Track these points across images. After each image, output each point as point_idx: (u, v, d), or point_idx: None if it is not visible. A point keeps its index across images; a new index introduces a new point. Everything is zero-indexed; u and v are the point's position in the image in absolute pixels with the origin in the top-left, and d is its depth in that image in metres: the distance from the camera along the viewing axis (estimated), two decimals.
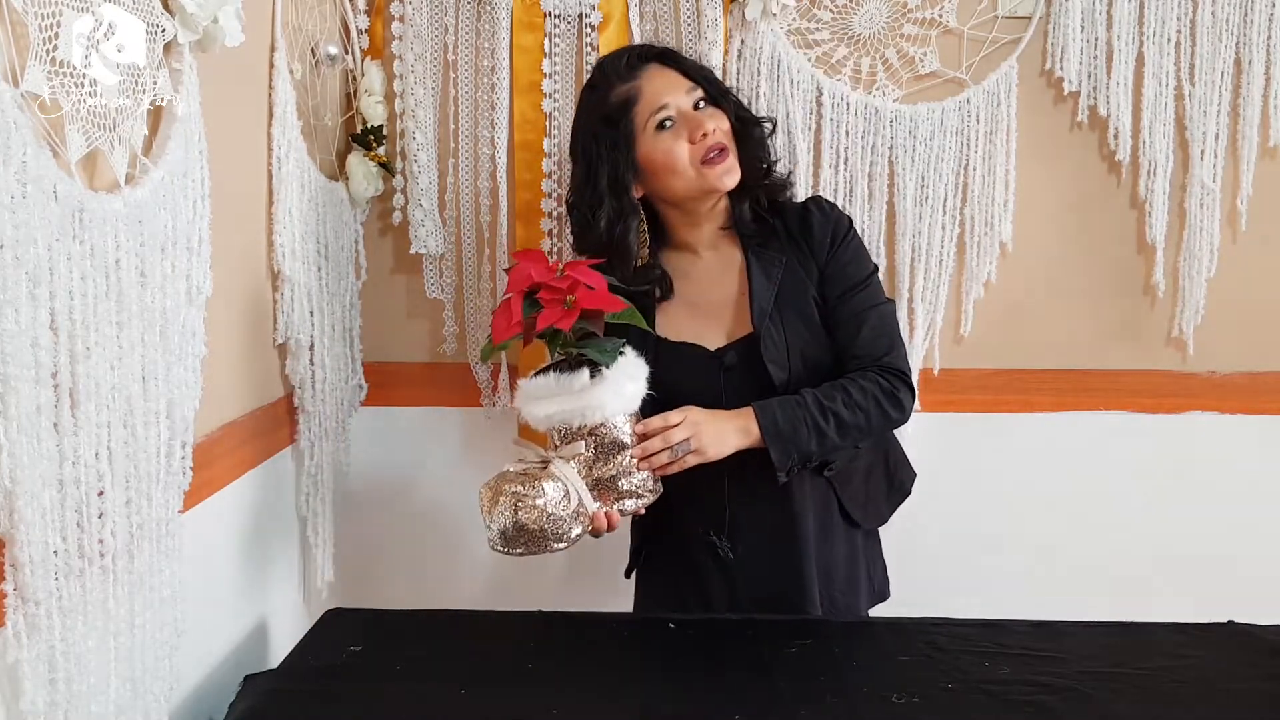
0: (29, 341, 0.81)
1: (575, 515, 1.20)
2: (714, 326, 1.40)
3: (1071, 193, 1.77)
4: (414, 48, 1.71)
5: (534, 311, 1.18)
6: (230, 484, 1.29)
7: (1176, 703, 1.10)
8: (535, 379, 1.23)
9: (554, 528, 1.18)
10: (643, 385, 1.25)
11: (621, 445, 1.23)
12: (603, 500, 1.23)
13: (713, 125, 1.35)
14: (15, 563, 0.82)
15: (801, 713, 1.06)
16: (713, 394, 1.35)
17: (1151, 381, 1.81)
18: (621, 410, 1.23)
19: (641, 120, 1.35)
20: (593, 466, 1.22)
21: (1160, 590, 1.71)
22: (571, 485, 1.20)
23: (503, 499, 1.17)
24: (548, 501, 1.17)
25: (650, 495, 1.27)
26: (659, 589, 1.51)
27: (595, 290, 1.19)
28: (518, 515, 1.16)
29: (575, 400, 1.20)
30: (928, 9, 1.71)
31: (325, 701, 1.11)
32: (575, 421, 1.21)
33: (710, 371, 1.37)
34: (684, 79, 1.37)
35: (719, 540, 1.40)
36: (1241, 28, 1.70)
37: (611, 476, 1.23)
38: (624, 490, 1.24)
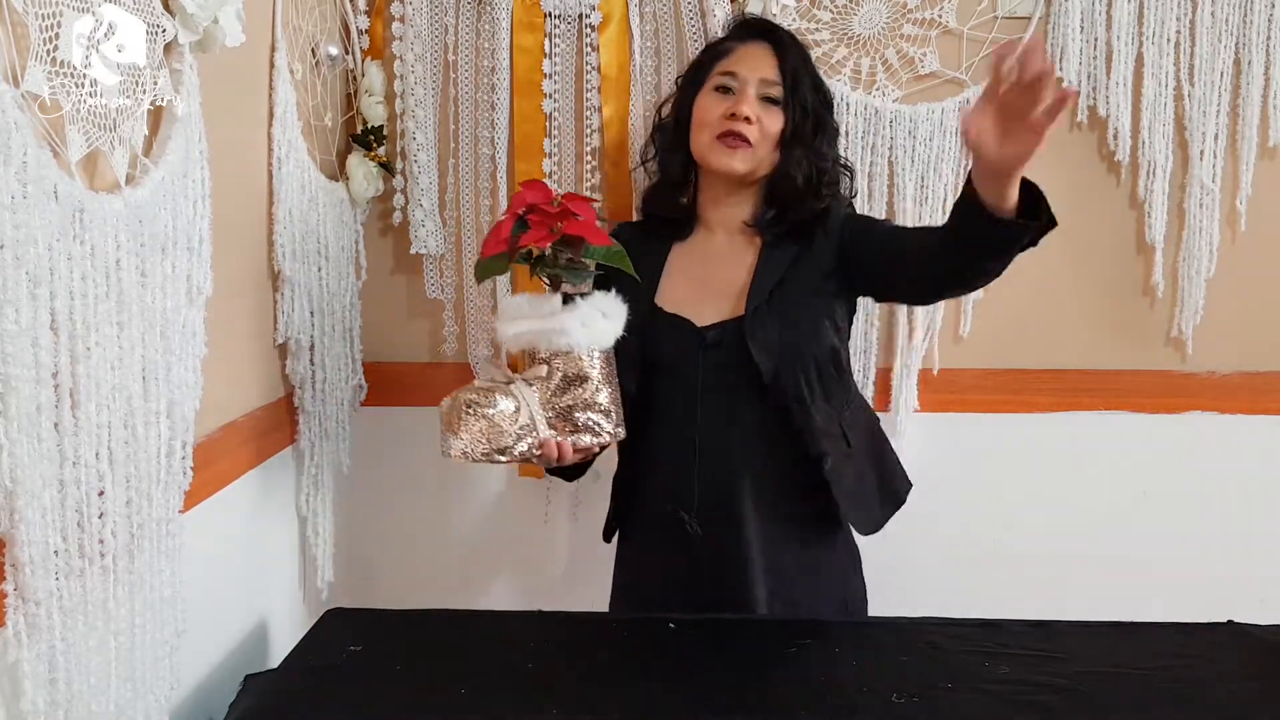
0: (29, 341, 0.81)
1: (522, 432, 1.22)
2: (709, 305, 1.40)
3: (1071, 193, 1.77)
4: (414, 48, 1.71)
5: (521, 231, 1.21)
6: (230, 484, 1.29)
7: (1176, 703, 1.10)
8: (513, 298, 1.27)
9: (498, 439, 1.21)
10: (618, 325, 1.26)
11: (584, 378, 1.24)
12: (558, 430, 1.25)
13: (752, 113, 1.37)
14: (16, 563, 0.82)
15: (801, 713, 1.06)
16: (691, 369, 1.37)
17: (1151, 381, 1.81)
18: (589, 343, 1.24)
19: (714, 74, 1.41)
20: (553, 394, 1.24)
21: (1160, 590, 1.71)
22: (525, 403, 1.22)
23: (456, 405, 1.21)
24: (498, 413, 1.20)
25: (609, 436, 1.28)
26: (630, 562, 1.52)
27: (584, 220, 1.21)
28: (465, 420, 1.20)
29: (543, 323, 1.23)
30: (927, 9, 1.71)
31: (325, 701, 1.11)
32: (541, 345, 1.24)
33: (691, 347, 1.38)
34: (776, 68, 1.39)
35: (687, 516, 1.38)
36: (1241, 28, 1.71)
37: (569, 407, 1.24)
38: (580, 424, 1.25)
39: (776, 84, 1.39)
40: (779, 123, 1.39)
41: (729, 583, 1.37)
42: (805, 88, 1.40)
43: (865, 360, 1.79)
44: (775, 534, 1.39)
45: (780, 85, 1.39)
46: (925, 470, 1.83)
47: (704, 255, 1.45)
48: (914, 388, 1.80)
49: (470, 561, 1.84)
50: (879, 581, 1.83)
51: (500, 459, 1.22)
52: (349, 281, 1.67)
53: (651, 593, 1.45)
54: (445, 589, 1.83)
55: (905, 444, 1.81)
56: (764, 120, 1.38)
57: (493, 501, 1.84)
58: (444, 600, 1.46)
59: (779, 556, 1.39)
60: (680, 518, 1.38)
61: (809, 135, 1.40)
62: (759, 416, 1.37)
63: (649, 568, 1.47)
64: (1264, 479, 1.82)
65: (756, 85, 1.38)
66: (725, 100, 1.39)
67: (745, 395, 1.37)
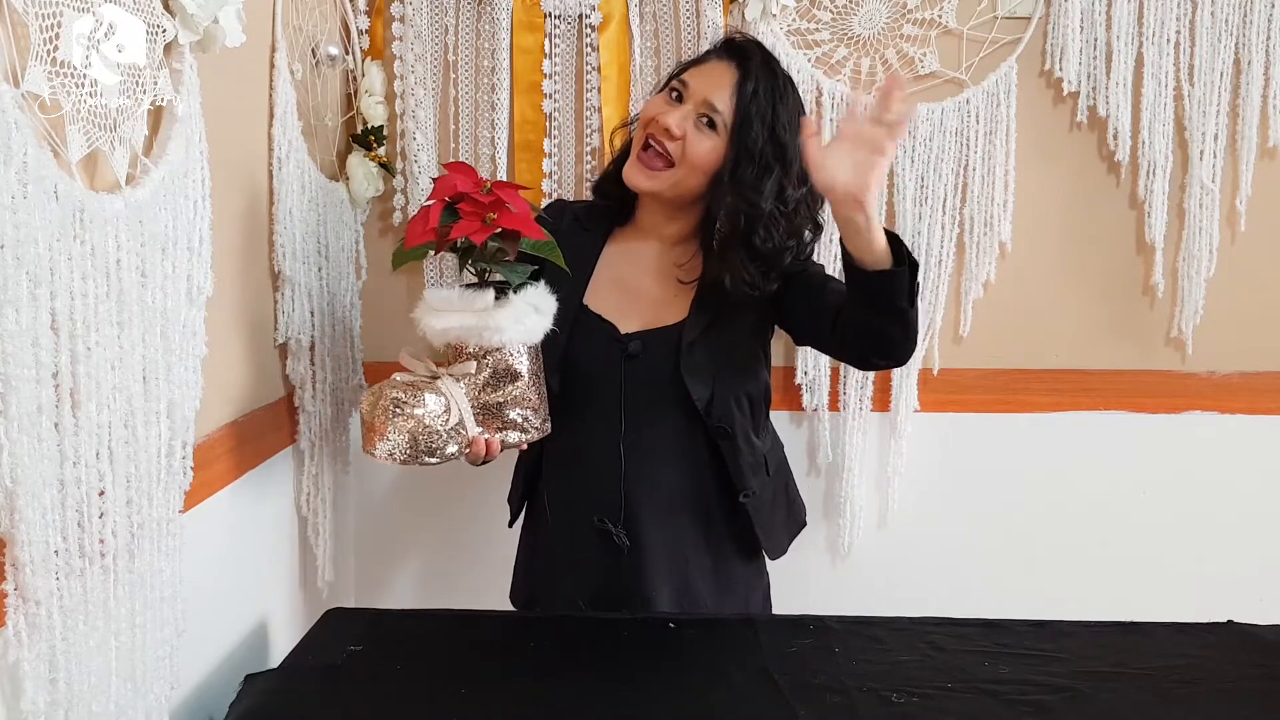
0: (30, 341, 0.81)
1: (452, 433, 1.17)
2: (632, 313, 1.37)
3: (1071, 193, 1.77)
4: (414, 48, 1.71)
5: (451, 221, 1.14)
6: (231, 484, 1.29)
7: (1176, 702, 1.10)
8: (440, 291, 1.21)
9: (428, 440, 1.16)
10: (548, 320, 1.22)
11: (515, 375, 1.20)
12: (486, 427, 1.21)
13: (676, 127, 1.30)
14: (16, 562, 0.82)
15: (801, 713, 1.06)
16: (612, 375, 1.35)
17: (1151, 381, 1.81)
18: (521, 339, 1.20)
19: (675, 78, 1.36)
20: (481, 391, 1.20)
21: (1160, 590, 1.71)
22: (454, 402, 1.17)
23: (381, 403, 1.15)
24: (426, 413, 1.15)
25: (536, 432, 1.25)
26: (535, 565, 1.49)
27: (517, 213, 1.14)
28: (393, 420, 1.14)
29: (475, 319, 1.17)
30: (927, 9, 1.71)
31: (325, 701, 1.11)
32: (471, 341, 1.19)
33: (612, 353, 1.36)
34: (730, 94, 1.30)
35: (614, 529, 1.36)
36: (1241, 28, 1.71)
37: (499, 404, 1.21)
38: (510, 420, 1.22)
39: (719, 111, 1.29)
40: (709, 150, 1.30)
41: (635, 587, 1.37)
42: (757, 127, 1.29)
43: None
44: (687, 550, 1.39)
45: (724, 114, 1.29)
46: (925, 470, 1.83)
47: (635, 259, 1.41)
48: (914, 388, 1.80)
49: (470, 561, 1.84)
50: (878, 581, 1.84)
51: (429, 461, 1.17)
52: (349, 281, 1.67)
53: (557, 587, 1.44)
54: (445, 589, 1.83)
55: (905, 444, 1.82)
56: (690, 139, 1.30)
57: (493, 501, 1.84)
58: (444, 600, 1.46)
59: (687, 572, 1.40)
60: (606, 529, 1.36)
61: (748, 179, 1.29)
62: (684, 435, 1.37)
63: (558, 560, 1.44)
64: (1264, 479, 1.82)
65: (699, 103, 1.31)
66: (665, 106, 1.33)
67: (668, 411, 1.36)
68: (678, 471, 1.38)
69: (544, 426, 1.26)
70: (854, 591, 1.82)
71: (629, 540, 1.36)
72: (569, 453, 1.40)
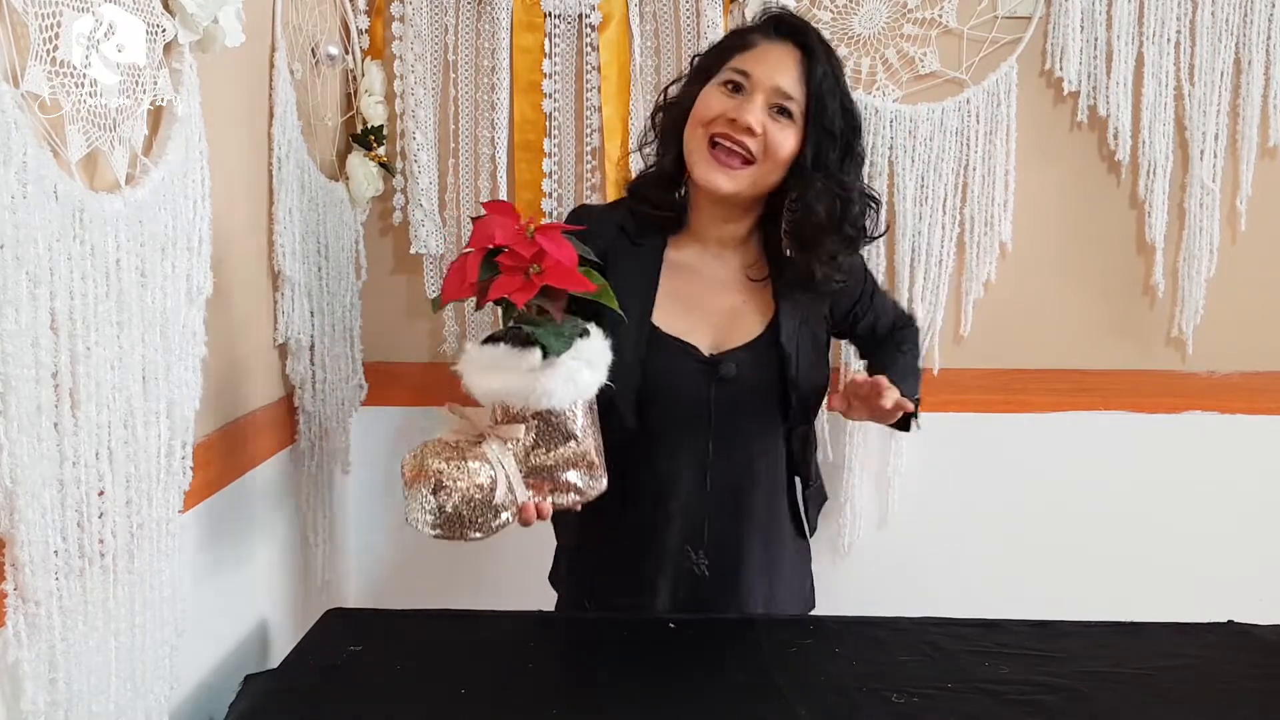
0: (29, 341, 0.81)
1: (501, 505, 1.08)
2: (705, 329, 1.30)
3: (1071, 193, 1.77)
4: (414, 48, 1.71)
5: (491, 275, 1.05)
6: (230, 484, 1.29)
7: (1176, 702, 1.10)
8: (484, 347, 1.10)
9: (472, 514, 1.07)
10: (601, 375, 1.11)
11: (568, 435, 1.10)
12: (536, 490, 1.11)
13: (755, 122, 1.21)
14: (15, 562, 0.82)
15: (801, 713, 1.06)
16: (699, 401, 1.28)
17: (1151, 381, 1.81)
18: (573, 398, 1.09)
19: (727, 67, 1.26)
20: (531, 453, 1.10)
21: (1160, 590, 1.71)
22: (502, 471, 1.08)
23: (424, 475, 1.06)
24: (471, 485, 1.06)
25: (591, 492, 1.15)
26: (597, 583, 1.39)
27: (563, 265, 1.04)
28: (437, 496, 1.06)
29: (522, 380, 1.07)
30: (927, 9, 1.71)
31: (325, 701, 1.10)
32: (519, 403, 1.09)
33: (700, 378, 1.28)
34: (798, 79, 1.23)
35: (694, 555, 1.32)
36: (1241, 28, 1.71)
37: (550, 466, 1.11)
38: (562, 483, 1.12)
39: (794, 98, 1.23)
40: (790, 141, 1.23)
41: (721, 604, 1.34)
42: (833, 106, 1.24)
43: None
44: (771, 556, 1.38)
45: (798, 100, 1.23)
46: (925, 470, 1.83)
47: (696, 269, 1.32)
48: None
49: (470, 561, 1.84)
50: (879, 581, 1.84)
51: (475, 536, 1.08)
52: (349, 281, 1.67)
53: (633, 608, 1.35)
54: (445, 589, 1.83)
55: (905, 444, 1.82)
56: (771, 133, 1.22)
57: None
58: (444, 600, 1.46)
59: (769, 575, 1.39)
60: (688, 555, 1.32)
61: (834, 163, 1.25)
62: (766, 447, 1.35)
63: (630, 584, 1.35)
64: (1263, 479, 1.82)
65: (769, 92, 1.22)
66: (730, 100, 1.23)
67: (756, 428, 1.33)
68: (759, 481, 1.34)
69: (599, 484, 1.16)
70: (854, 592, 1.81)
71: (709, 562, 1.32)
72: (648, 484, 1.30)
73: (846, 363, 1.79)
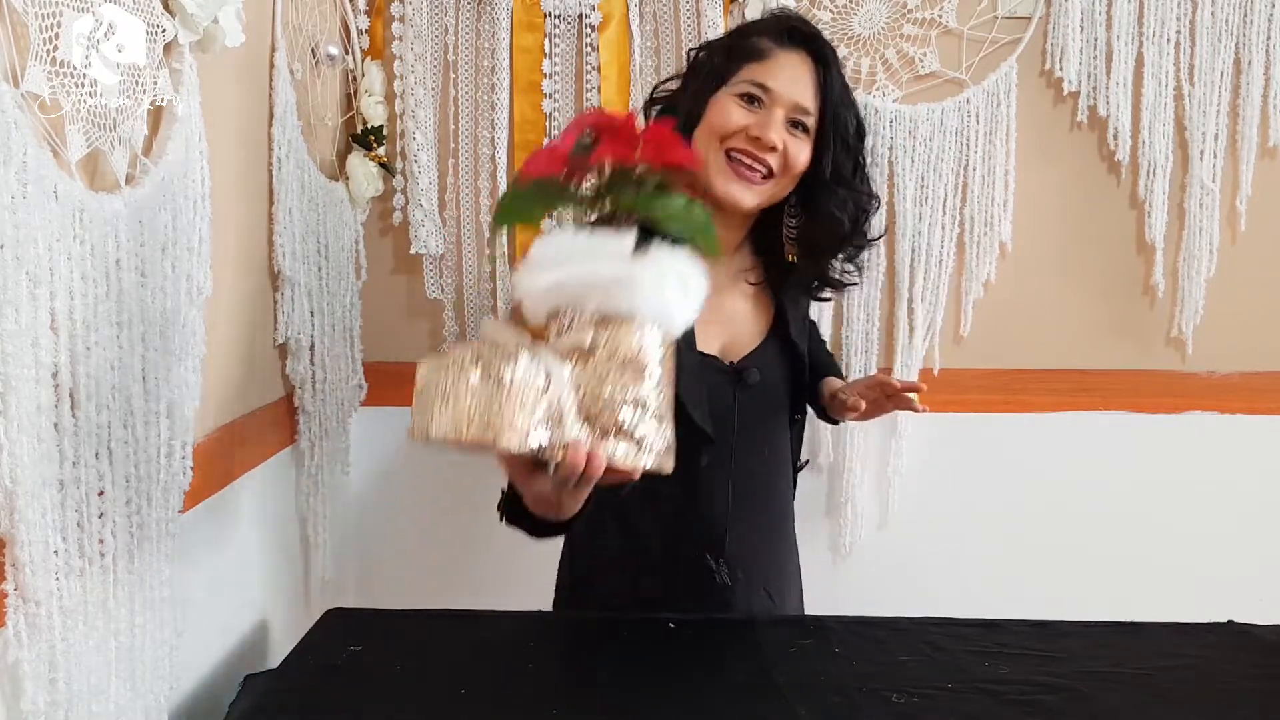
0: (29, 341, 0.81)
1: (546, 419, 0.84)
2: (713, 336, 1.27)
3: (1071, 193, 1.77)
4: (414, 48, 1.71)
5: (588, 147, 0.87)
6: (230, 484, 1.29)
7: (1176, 703, 1.09)
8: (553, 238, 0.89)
9: (510, 413, 0.81)
10: (692, 310, 0.91)
11: (639, 366, 0.87)
12: (590, 433, 0.87)
13: (779, 140, 1.20)
14: (16, 562, 0.82)
15: (801, 713, 1.06)
16: (727, 409, 1.25)
17: (1151, 381, 1.81)
18: (659, 316, 0.88)
19: (741, 77, 1.22)
20: (592, 376, 0.86)
21: (1160, 590, 1.71)
22: (557, 381, 0.84)
23: (451, 363, 0.83)
24: (519, 381, 0.82)
25: (654, 457, 0.89)
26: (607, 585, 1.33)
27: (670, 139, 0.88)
28: (465, 381, 0.81)
29: (604, 268, 0.86)
30: (927, 9, 1.71)
31: (325, 701, 1.10)
32: (592, 301, 0.86)
33: (727, 387, 1.26)
34: (814, 93, 1.22)
35: (716, 564, 1.29)
36: (1241, 28, 1.71)
37: (611, 401, 0.86)
38: (625, 428, 0.87)
39: (810, 113, 1.22)
40: (806, 154, 1.22)
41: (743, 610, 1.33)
42: (845, 117, 1.24)
43: (866, 360, 1.79)
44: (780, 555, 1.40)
45: (814, 113, 1.22)
46: (925, 470, 1.83)
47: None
48: None
49: (470, 561, 1.84)
50: (879, 581, 1.84)
51: (507, 444, 0.83)
52: (349, 281, 1.67)
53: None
54: (445, 589, 1.83)
55: (905, 444, 1.82)
56: (790, 149, 1.21)
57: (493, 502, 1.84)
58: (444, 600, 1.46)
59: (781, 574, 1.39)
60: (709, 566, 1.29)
61: (849, 172, 1.25)
62: (779, 445, 1.36)
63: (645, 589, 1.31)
64: (1264, 479, 1.82)
65: (789, 108, 1.21)
66: (750, 114, 1.20)
67: (772, 427, 1.34)
68: (774, 482, 1.35)
69: (666, 454, 0.91)
70: (854, 592, 1.82)
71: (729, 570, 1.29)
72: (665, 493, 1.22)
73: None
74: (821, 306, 1.75)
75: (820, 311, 1.77)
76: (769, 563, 1.37)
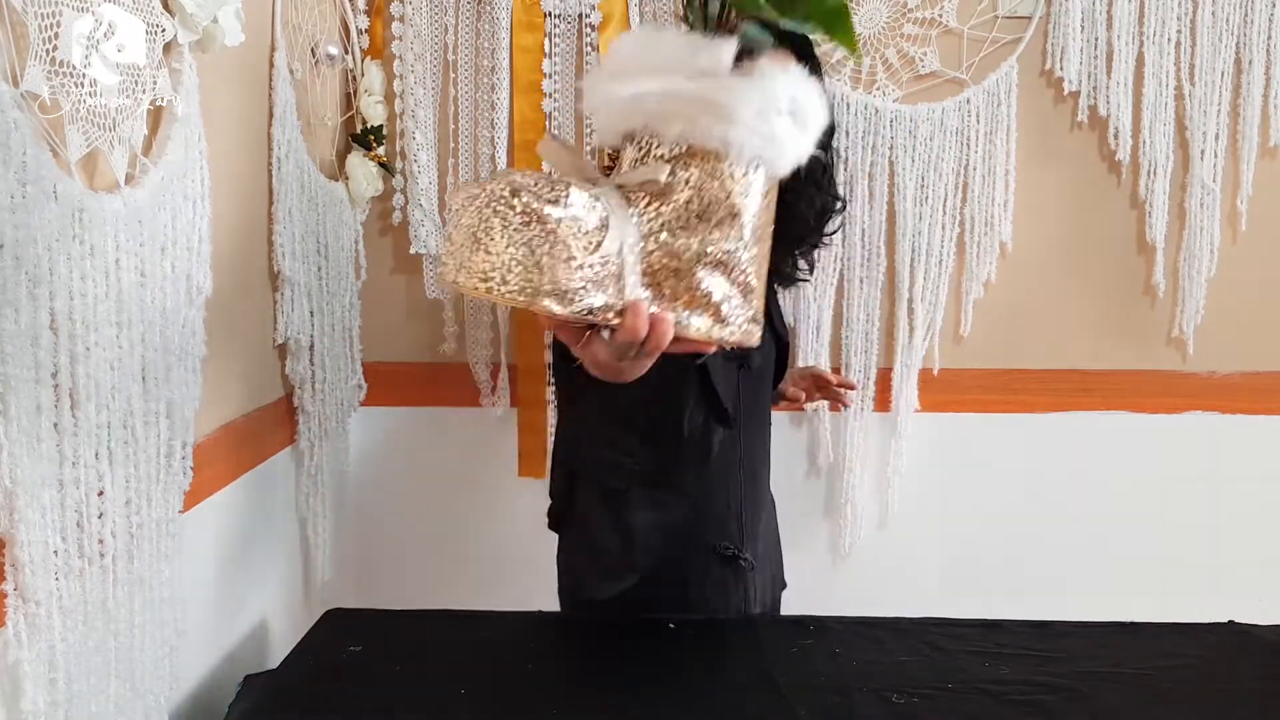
0: (29, 342, 0.81)
1: (600, 272, 0.67)
2: None
3: (1071, 193, 1.77)
4: (414, 48, 1.71)
5: None
6: (230, 484, 1.29)
7: (1176, 703, 1.10)
8: (639, 34, 0.71)
9: (554, 264, 0.65)
10: (807, 147, 0.74)
11: (732, 213, 0.69)
12: (657, 293, 0.69)
13: None
14: (15, 563, 0.82)
15: (801, 713, 1.06)
16: (733, 397, 1.22)
17: (1151, 382, 1.81)
18: (760, 153, 0.70)
19: None
20: (667, 227, 0.69)
21: (1160, 590, 1.71)
22: (620, 221, 0.67)
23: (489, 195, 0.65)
24: (566, 217, 0.65)
25: (737, 330, 0.72)
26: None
27: None
28: (502, 219, 0.64)
29: (692, 85, 0.68)
30: (928, 9, 1.71)
31: (325, 701, 1.10)
32: (673, 129, 0.68)
33: (732, 373, 1.24)
34: None
35: (739, 551, 1.27)
36: (1242, 28, 1.71)
37: (688, 255, 0.69)
38: (699, 293, 0.69)
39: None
40: None
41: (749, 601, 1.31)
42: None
43: (866, 360, 1.79)
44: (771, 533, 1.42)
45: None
46: (926, 470, 1.83)
47: None
48: (914, 388, 1.80)
49: (470, 561, 1.84)
50: (879, 581, 1.84)
51: (547, 305, 0.65)
52: (348, 281, 1.67)
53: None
54: (445, 589, 1.83)
55: (906, 444, 1.82)
56: None
57: (493, 501, 1.84)
58: (444, 600, 1.46)
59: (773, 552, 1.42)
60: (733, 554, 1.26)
61: (819, 172, 1.24)
62: (764, 422, 1.37)
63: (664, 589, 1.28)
64: (1264, 479, 1.82)
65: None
66: None
67: (763, 412, 1.35)
68: (766, 461, 1.36)
69: (751, 327, 0.73)
70: (854, 592, 1.82)
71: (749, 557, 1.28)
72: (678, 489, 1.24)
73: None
74: (822, 307, 1.77)
75: (820, 312, 1.78)
76: (771, 543, 1.40)
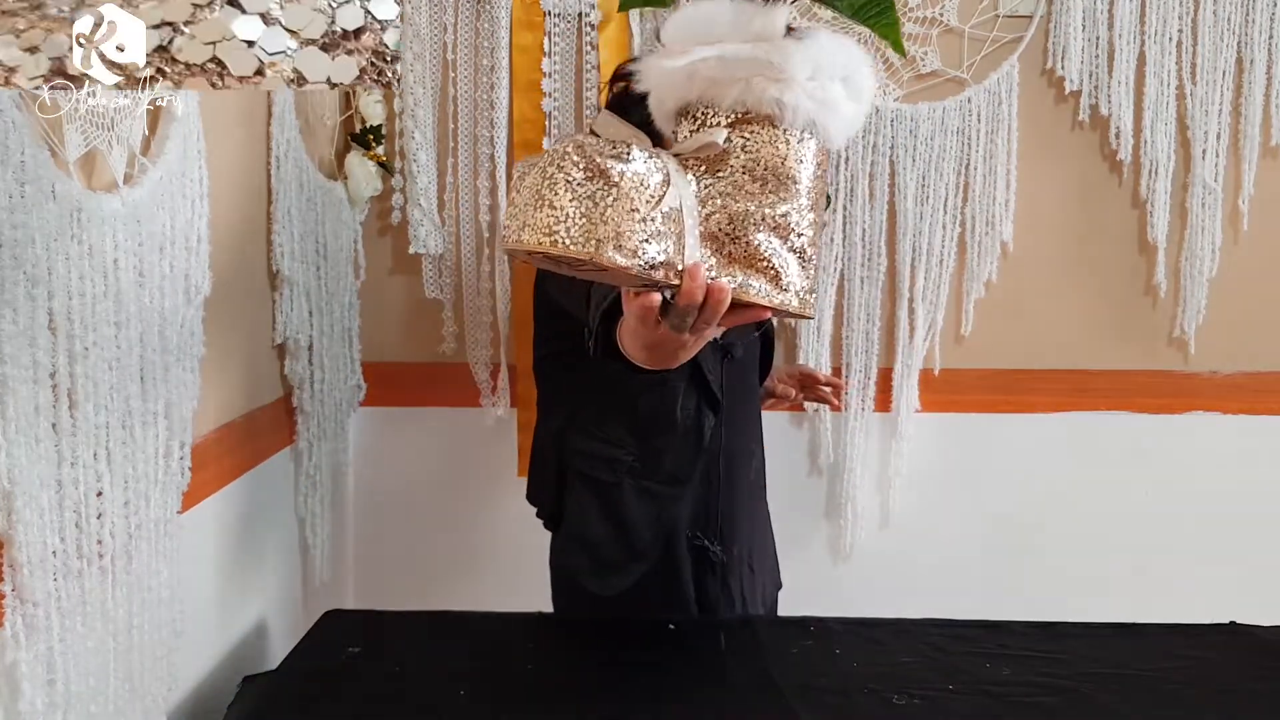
0: (27, 341, 0.81)
1: (663, 227, 0.68)
2: None
3: (1073, 192, 1.77)
4: (414, 47, 1.70)
5: None
6: (229, 484, 1.29)
7: (1177, 703, 1.09)
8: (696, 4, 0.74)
9: (617, 218, 0.66)
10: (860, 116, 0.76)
11: (789, 180, 0.71)
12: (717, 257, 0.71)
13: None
14: (14, 563, 0.82)
15: (802, 714, 1.06)
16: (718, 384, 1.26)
17: (1152, 382, 1.81)
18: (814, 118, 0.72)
19: None
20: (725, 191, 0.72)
21: (1160, 590, 1.71)
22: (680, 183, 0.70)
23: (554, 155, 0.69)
24: (631, 174, 0.68)
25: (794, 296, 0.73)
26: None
27: None
28: (569, 177, 0.67)
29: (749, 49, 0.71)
30: (928, 8, 1.71)
31: (324, 702, 1.10)
32: (730, 94, 0.71)
33: (716, 363, 1.26)
34: None
35: (710, 543, 1.29)
36: (1243, 27, 1.70)
37: (747, 219, 0.71)
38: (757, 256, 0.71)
39: None
40: None
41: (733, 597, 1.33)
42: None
43: (866, 360, 1.79)
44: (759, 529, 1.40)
45: None
46: (926, 471, 1.83)
47: None
48: (915, 388, 1.80)
49: (470, 561, 1.84)
50: (880, 582, 1.84)
51: (610, 256, 0.66)
52: (348, 281, 1.67)
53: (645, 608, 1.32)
54: (444, 589, 1.82)
55: (906, 444, 1.81)
56: None
57: (493, 502, 1.84)
58: (443, 600, 1.46)
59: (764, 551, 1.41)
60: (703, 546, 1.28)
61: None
62: (753, 410, 1.38)
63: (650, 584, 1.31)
64: (1265, 479, 1.82)
65: None
66: None
67: (748, 404, 1.35)
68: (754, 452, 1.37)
69: (808, 295, 0.74)
70: (855, 593, 1.81)
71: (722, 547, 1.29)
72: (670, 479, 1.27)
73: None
74: (822, 307, 1.77)
75: (821, 312, 1.77)
76: (750, 536, 1.37)
